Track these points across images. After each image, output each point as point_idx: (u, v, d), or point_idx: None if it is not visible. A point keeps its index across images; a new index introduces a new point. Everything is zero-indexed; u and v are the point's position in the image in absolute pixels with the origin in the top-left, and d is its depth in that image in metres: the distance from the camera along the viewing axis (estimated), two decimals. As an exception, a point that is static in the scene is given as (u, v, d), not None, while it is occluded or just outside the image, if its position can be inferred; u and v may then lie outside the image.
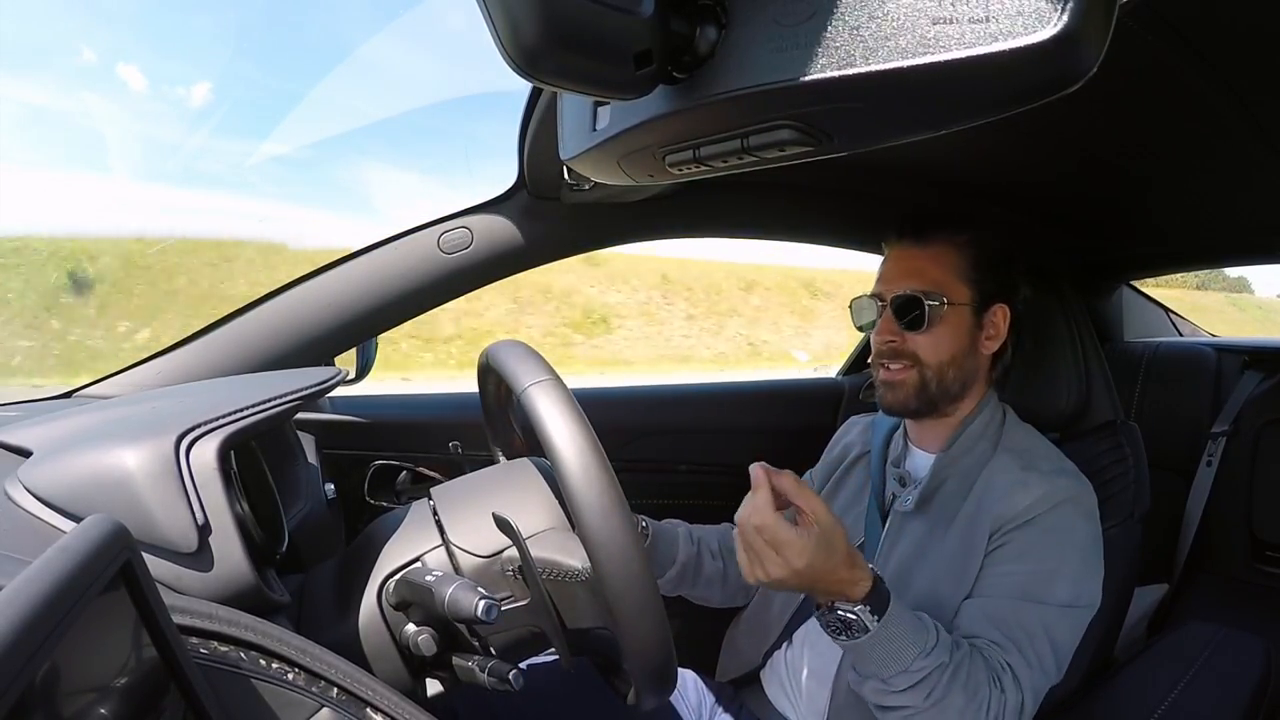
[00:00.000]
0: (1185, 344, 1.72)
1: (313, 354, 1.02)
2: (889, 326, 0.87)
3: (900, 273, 0.87)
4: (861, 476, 0.98)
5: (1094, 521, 0.81)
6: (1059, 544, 0.77)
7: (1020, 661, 0.72)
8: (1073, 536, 0.78)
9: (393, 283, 1.03)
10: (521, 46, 0.29)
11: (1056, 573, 0.76)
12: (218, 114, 19.63)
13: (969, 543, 0.81)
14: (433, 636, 0.59)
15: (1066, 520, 0.79)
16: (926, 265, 0.86)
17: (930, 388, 0.86)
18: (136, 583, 0.40)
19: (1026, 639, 0.73)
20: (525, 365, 0.58)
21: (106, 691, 0.37)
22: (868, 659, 0.69)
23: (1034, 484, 0.81)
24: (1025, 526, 0.79)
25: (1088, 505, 0.81)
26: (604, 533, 0.51)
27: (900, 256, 0.89)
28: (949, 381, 0.86)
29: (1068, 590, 0.76)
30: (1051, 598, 0.75)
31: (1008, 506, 0.80)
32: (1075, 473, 0.84)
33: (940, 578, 0.81)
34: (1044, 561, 0.77)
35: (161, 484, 0.52)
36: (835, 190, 1.23)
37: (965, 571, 0.80)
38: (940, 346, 0.85)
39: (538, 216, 1.06)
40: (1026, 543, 0.78)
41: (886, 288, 0.88)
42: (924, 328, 0.84)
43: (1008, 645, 0.73)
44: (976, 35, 0.25)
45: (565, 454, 0.52)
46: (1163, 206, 1.20)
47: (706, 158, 0.36)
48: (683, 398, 1.52)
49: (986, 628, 0.74)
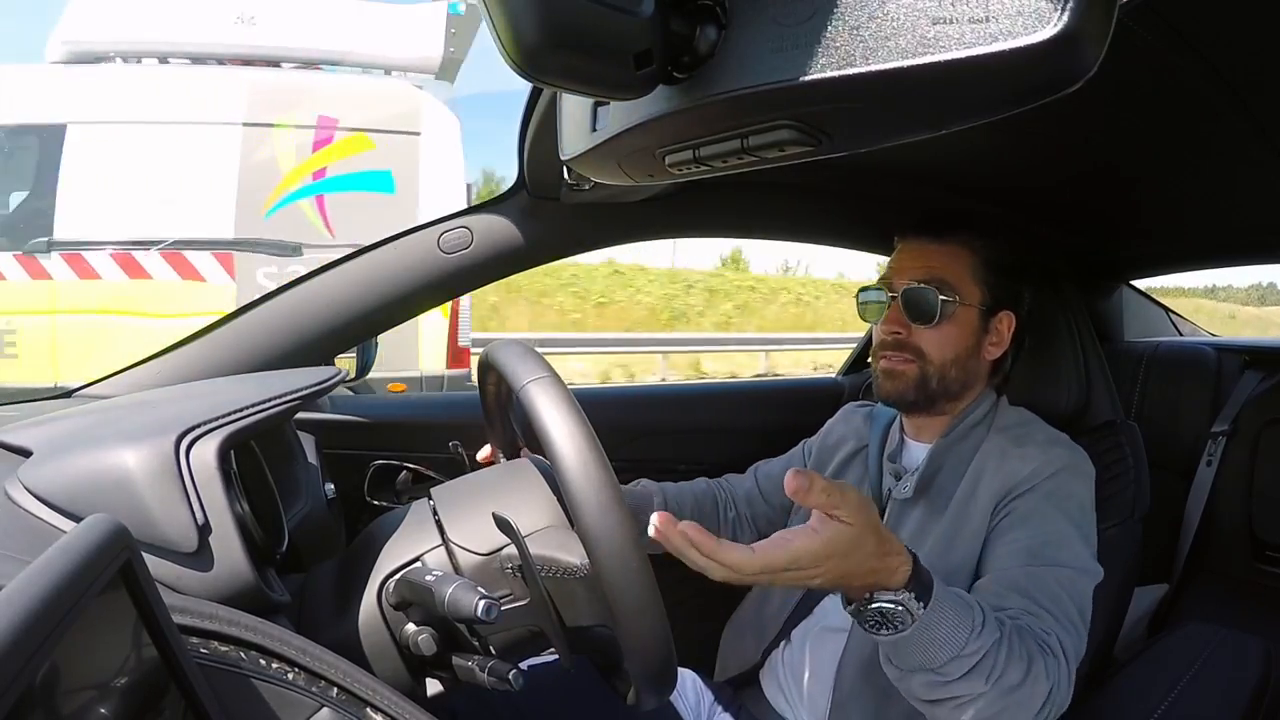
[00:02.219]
0: (1185, 344, 1.72)
1: (313, 354, 1.02)
2: (896, 318, 0.86)
3: (913, 266, 0.86)
4: (859, 472, 0.98)
5: (1091, 488, 0.82)
6: (1063, 510, 0.78)
7: (1054, 624, 0.69)
8: (1076, 501, 0.79)
9: (393, 283, 1.03)
10: (521, 47, 0.29)
11: (1065, 536, 0.76)
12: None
13: (967, 521, 0.81)
14: (433, 636, 0.59)
15: (1067, 485, 0.79)
16: (942, 261, 0.86)
17: (930, 384, 0.86)
18: (136, 583, 0.40)
19: (1052, 601, 0.71)
20: (524, 363, 0.59)
21: (106, 691, 0.37)
22: (914, 651, 0.61)
23: (1031, 455, 0.81)
24: (1028, 494, 0.79)
25: (1085, 471, 0.82)
26: (602, 529, 0.51)
27: (914, 250, 0.88)
28: (950, 381, 0.86)
29: (1076, 554, 0.75)
30: (1064, 560, 0.74)
31: (1007, 478, 0.80)
32: (1070, 443, 0.85)
33: (940, 559, 0.81)
34: (1051, 526, 0.76)
35: (161, 484, 0.52)
36: (834, 190, 1.23)
37: (966, 550, 0.80)
38: (946, 344, 0.85)
39: (538, 216, 1.06)
40: (1031, 509, 0.78)
41: (897, 279, 0.86)
42: (933, 322, 0.84)
43: (1039, 611, 0.70)
44: (976, 35, 0.25)
45: (563, 450, 0.52)
46: (1163, 206, 1.20)
47: (706, 158, 0.36)
48: (682, 398, 1.52)
49: (1013, 598, 0.71)
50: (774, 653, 0.94)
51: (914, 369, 0.86)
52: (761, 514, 1.04)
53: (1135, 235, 1.36)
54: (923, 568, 0.62)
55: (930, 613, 0.60)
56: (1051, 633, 0.68)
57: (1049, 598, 0.71)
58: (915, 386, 0.86)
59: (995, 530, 0.79)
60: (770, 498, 1.04)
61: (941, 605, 0.61)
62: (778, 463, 1.08)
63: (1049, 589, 0.72)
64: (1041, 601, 0.70)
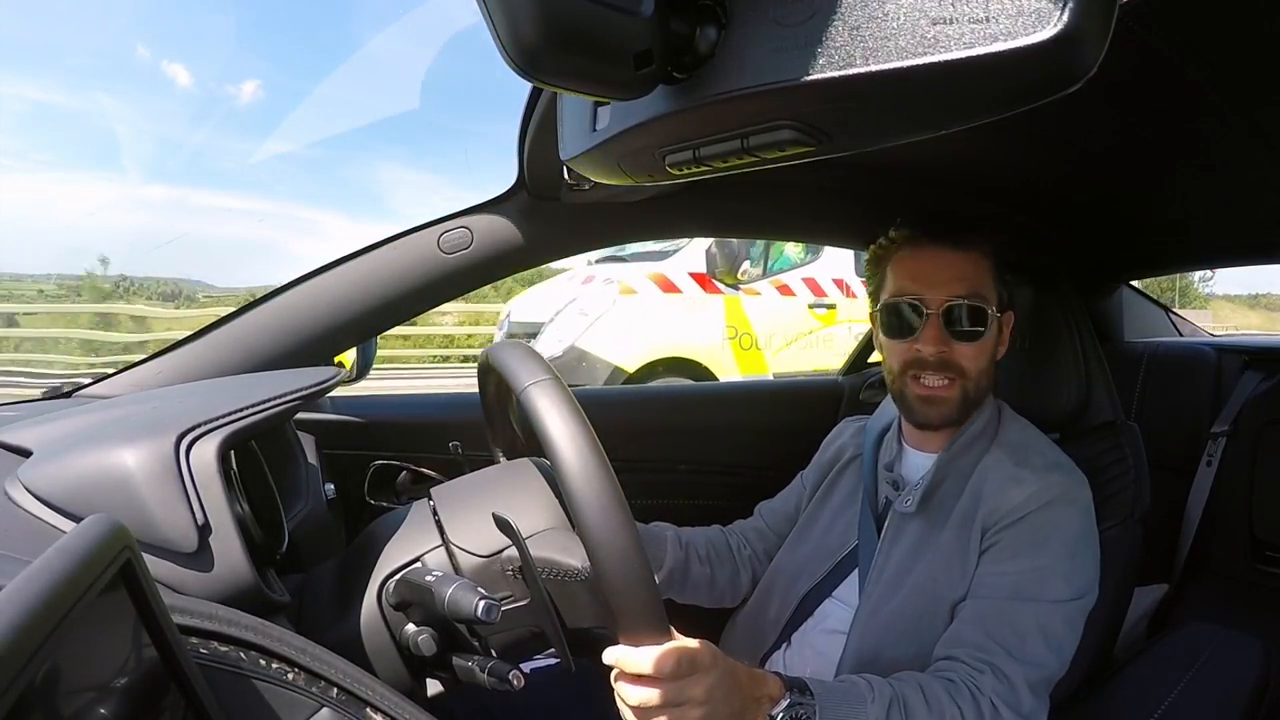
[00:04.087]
0: (1185, 344, 1.72)
1: (313, 354, 1.02)
2: (938, 335, 0.81)
3: (946, 279, 0.82)
4: (853, 480, 0.98)
5: (1087, 516, 0.81)
6: (1050, 541, 0.78)
7: (1008, 665, 0.72)
8: (1063, 533, 0.78)
9: (393, 283, 1.03)
10: (521, 46, 0.29)
11: (1049, 570, 0.76)
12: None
13: (964, 538, 0.81)
14: (433, 636, 0.59)
15: (1057, 517, 0.79)
16: (971, 271, 0.83)
17: (970, 399, 0.84)
18: (136, 583, 0.40)
19: (1017, 639, 0.73)
20: (525, 365, 0.58)
21: (106, 691, 0.37)
22: None
23: (1027, 480, 0.81)
24: (1016, 525, 0.79)
25: (1081, 500, 0.81)
26: (604, 532, 0.51)
27: (938, 261, 0.83)
28: (982, 391, 0.86)
29: (1060, 586, 0.76)
30: (1044, 594, 0.75)
31: (1000, 502, 0.80)
32: (1070, 467, 0.84)
33: (938, 574, 0.81)
34: (1036, 560, 0.77)
35: (161, 484, 0.52)
36: (834, 190, 1.23)
37: (963, 567, 0.80)
38: (982, 356, 0.84)
39: (538, 216, 1.06)
40: (1018, 542, 0.78)
41: (930, 293, 0.82)
42: (981, 338, 0.82)
43: (992, 649, 0.72)
44: (976, 35, 0.25)
45: (565, 453, 0.52)
46: (1162, 206, 1.20)
47: (706, 158, 0.36)
48: (682, 398, 1.52)
49: (975, 632, 0.74)
50: (773, 656, 0.94)
51: (956, 390, 0.83)
52: (776, 546, 1.04)
53: (1135, 235, 1.36)
54: (789, 677, 0.65)
55: (823, 695, 0.64)
56: (982, 673, 0.71)
57: (1016, 635, 0.73)
58: (959, 407, 0.84)
59: (984, 556, 0.80)
60: (776, 530, 1.05)
61: (827, 686, 0.66)
62: (778, 499, 1.08)
63: (1019, 626, 0.74)
64: (1004, 639, 0.73)
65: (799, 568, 0.94)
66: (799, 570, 0.94)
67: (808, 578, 0.92)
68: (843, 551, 0.91)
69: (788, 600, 0.93)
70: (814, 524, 0.98)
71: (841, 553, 0.91)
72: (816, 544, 0.95)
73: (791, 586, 0.93)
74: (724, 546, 1.02)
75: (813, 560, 0.93)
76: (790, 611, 0.92)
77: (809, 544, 0.96)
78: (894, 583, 0.83)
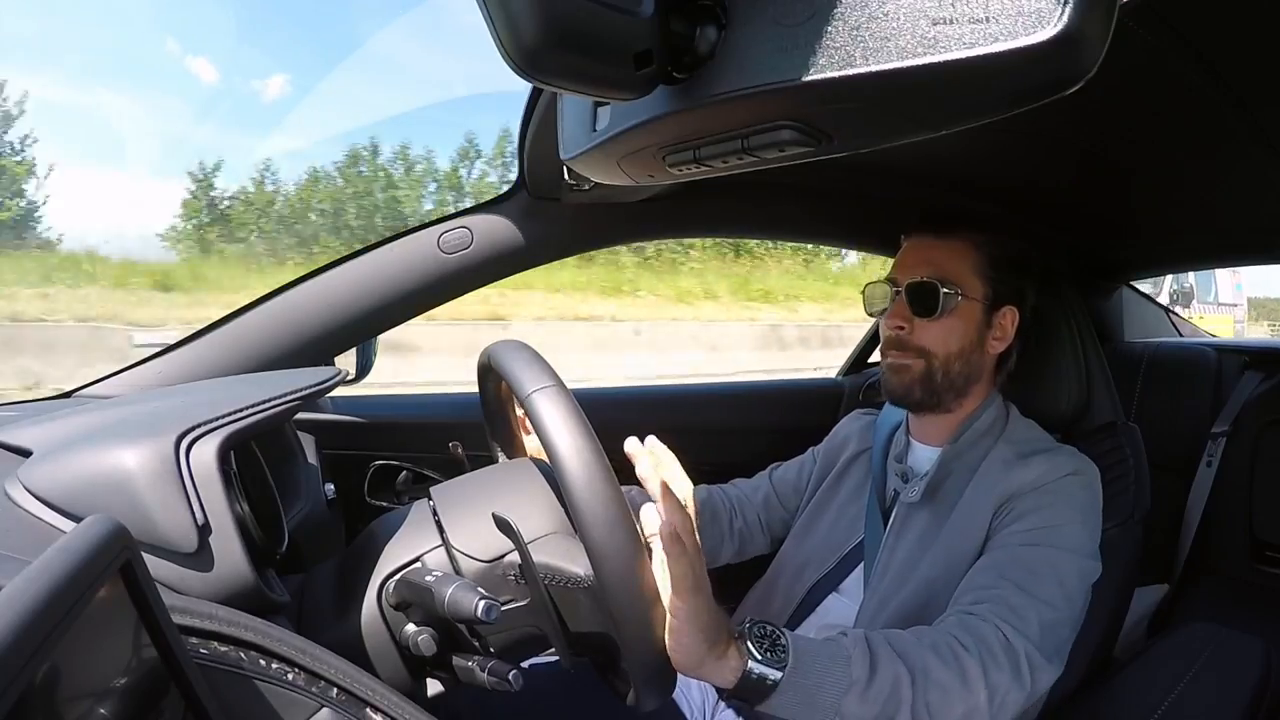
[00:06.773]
0: (1185, 344, 1.72)
1: (313, 354, 1.02)
2: (901, 312, 0.88)
3: (917, 262, 0.88)
4: (861, 473, 0.98)
5: (1096, 496, 0.83)
6: (1065, 504, 0.79)
7: (1017, 596, 0.70)
8: (1076, 499, 0.80)
9: (393, 283, 1.03)
10: (521, 46, 0.29)
11: (1065, 522, 0.77)
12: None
13: (970, 526, 0.82)
14: (433, 637, 0.59)
15: (1069, 486, 0.81)
16: (944, 257, 0.87)
17: (935, 379, 0.87)
18: (136, 583, 0.40)
19: (1028, 575, 0.72)
20: (529, 371, 0.58)
21: (106, 691, 0.37)
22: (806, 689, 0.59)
23: (1037, 462, 0.83)
24: (1033, 493, 0.80)
25: (1090, 476, 0.83)
26: (609, 545, 0.52)
27: (918, 246, 0.90)
28: (954, 375, 0.87)
29: (1075, 535, 0.77)
30: (1059, 542, 0.76)
31: (1013, 482, 0.81)
32: (1076, 453, 0.86)
33: (945, 563, 0.81)
34: (1050, 517, 0.78)
35: (161, 484, 0.52)
36: (834, 191, 1.23)
37: (969, 554, 0.80)
38: (950, 338, 0.86)
39: (538, 217, 1.06)
40: (1033, 505, 0.79)
41: (902, 275, 0.89)
42: (936, 315, 0.85)
43: (1002, 584, 0.71)
44: (976, 36, 0.25)
45: (570, 464, 0.52)
46: (1163, 207, 1.20)
47: (706, 158, 0.36)
48: (683, 398, 1.51)
49: (985, 575, 0.74)
50: None
51: (920, 365, 0.87)
52: (778, 519, 1.05)
53: (1135, 235, 1.36)
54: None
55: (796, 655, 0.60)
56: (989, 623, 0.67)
57: (1028, 572, 0.72)
58: (921, 382, 0.87)
59: (996, 526, 0.80)
60: (786, 502, 1.05)
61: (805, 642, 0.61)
62: (791, 466, 1.09)
63: (1031, 565, 0.73)
64: (1015, 577, 0.72)
65: (805, 560, 0.95)
66: (805, 562, 0.95)
67: (814, 569, 0.93)
68: (849, 544, 0.92)
69: (794, 593, 0.93)
70: (820, 517, 0.98)
71: (848, 545, 0.92)
72: (823, 536, 0.96)
73: (798, 579, 0.94)
74: (710, 516, 1.02)
75: (819, 552, 0.94)
76: (796, 604, 0.93)
77: (816, 536, 0.97)
78: (900, 577, 0.84)
